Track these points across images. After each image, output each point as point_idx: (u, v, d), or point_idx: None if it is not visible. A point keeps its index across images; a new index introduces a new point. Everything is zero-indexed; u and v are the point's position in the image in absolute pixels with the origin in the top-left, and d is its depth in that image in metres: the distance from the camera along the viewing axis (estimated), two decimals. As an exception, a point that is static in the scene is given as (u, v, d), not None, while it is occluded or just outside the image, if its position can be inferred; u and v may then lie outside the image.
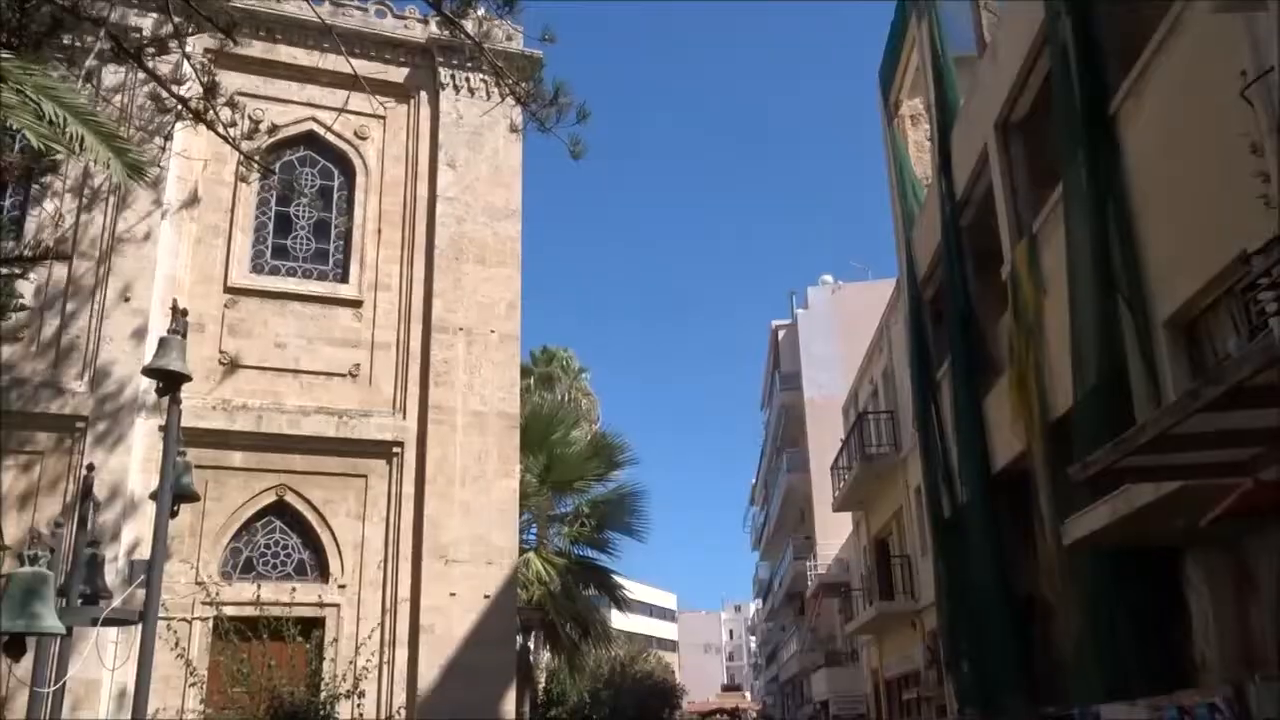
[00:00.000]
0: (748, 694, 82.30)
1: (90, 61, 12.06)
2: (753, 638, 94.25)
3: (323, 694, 12.03)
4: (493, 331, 17.17)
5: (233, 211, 16.77)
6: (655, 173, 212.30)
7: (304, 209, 17.28)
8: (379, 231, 17.43)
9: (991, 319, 14.79)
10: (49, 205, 15.19)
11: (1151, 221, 9.41)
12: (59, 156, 10.71)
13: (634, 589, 49.14)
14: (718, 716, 60.96)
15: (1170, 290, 9.02)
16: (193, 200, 16.47)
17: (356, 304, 16.92)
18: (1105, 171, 10.02)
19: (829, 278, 45.44)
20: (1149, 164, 9.46)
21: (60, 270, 15.10)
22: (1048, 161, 11.84)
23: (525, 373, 27.37)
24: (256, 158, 14.88)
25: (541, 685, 25.37)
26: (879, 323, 25.15)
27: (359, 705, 12.06)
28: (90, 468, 11.06)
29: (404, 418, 16.39)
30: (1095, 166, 10.13)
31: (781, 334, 45.95)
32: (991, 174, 14.01)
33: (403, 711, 14.22)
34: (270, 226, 17.29)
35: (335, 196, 17.65)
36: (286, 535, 15.78)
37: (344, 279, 17.16)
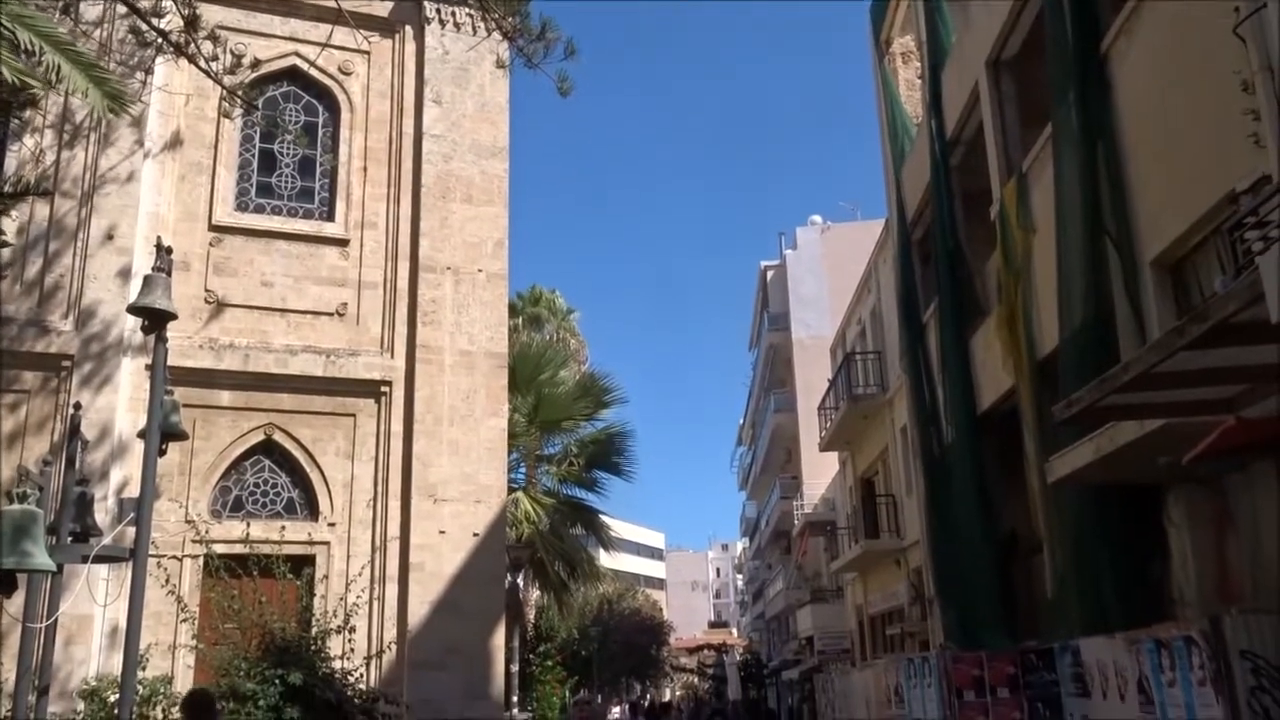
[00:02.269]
0: (734, 630, 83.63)
1: (68, -7, 11.79)
2: (739, 576, 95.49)
3: (314, 629, 12.14)
4: (480, 271, 17.08)
5: (216, 148, 16.54)
6: (644, 114, 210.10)
7: (288, 146, 17.04)
8: (365, 169, 17.24)
9: (980, 259, 14.79)
10: (29, 141, 14.96)
11: (1141, 161, 9.38)
12: (38, 91, 10.51)
13: (622, 528, 49.67)
14: (704, 651, 62.01)
15: (1158, 230, 9.02)
16: (175, 137, 16.23)
17: (343, 243, 16.79)
18: (1096, 110, 9.97)
19: (818, 218, 45.24)
20: (1140, 102, 9.40)
21: (42, 209, 14.91)
22: (1039, 100, 11.76)
23: (513, 313, 27.35)
24: (239, 93, 14.63)
25: (531, 621, 25.74)
26: (867, 263, 25.12)
27: (350, 640, 12.16)
28: (77, 406, 11.02)
29: (392, 357, 16.36)
30: (1086, 105, 10.07)
31: (770, 275, 45.85)
32: (982, 113, 13.92)
33: (393, 646, 14.40)
34: (254, 164, 17.08)
35: (320, 133, 17.41)
36: (275, 474, 15.83)
37: (330, 217, 17.00)
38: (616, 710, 24.30)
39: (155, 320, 8.55)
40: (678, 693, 66.50)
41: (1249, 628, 6.27)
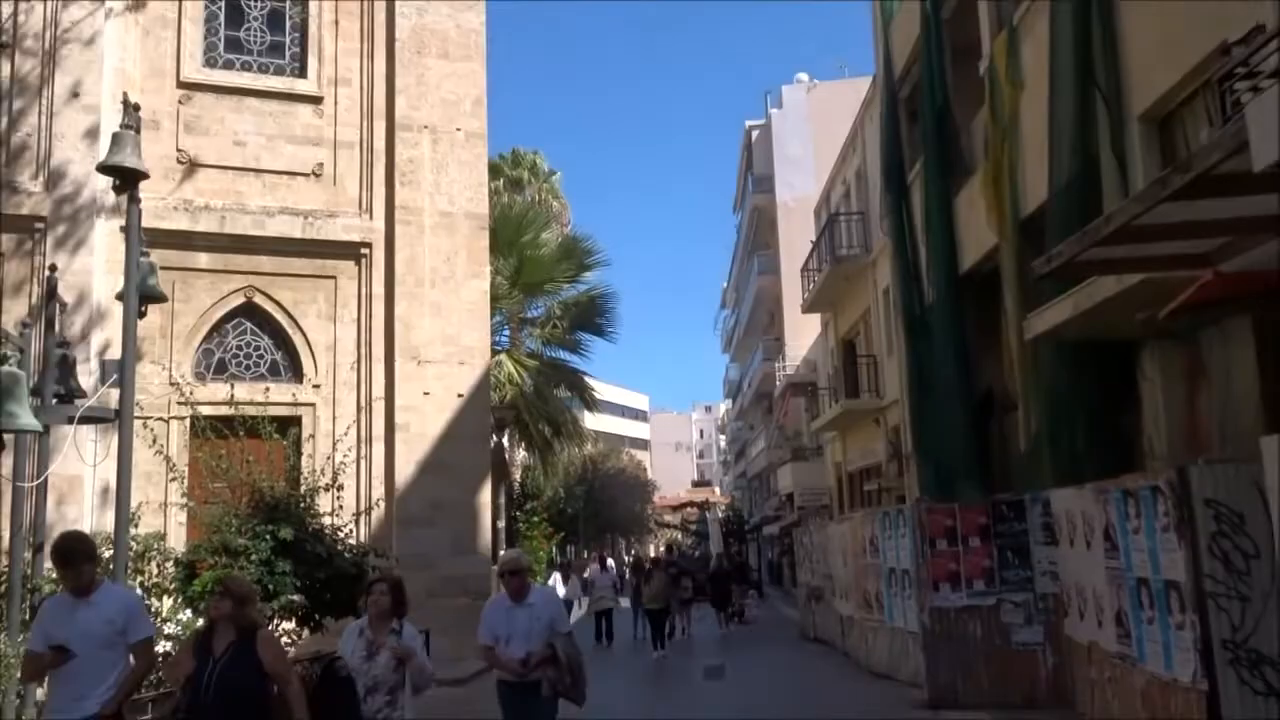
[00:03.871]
0: (717, 489, 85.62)
1: None
2: (722, 436, 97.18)
3: (302, 487, 12.30)
4: (458, 130, 16.72)
5: (180, 1, 15.90)
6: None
7: (255, -2, 16.39)
8: (336, 23, 16.65)
9: (967, 116, 14.56)
10: (-18, -7, 14.34)
11: (1135, 11, 9.15)
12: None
13: (606, 390, 50.18)
14: (688, 509, 63.67)
15: (1148, 83, 8.87)
16: (137, -12, 15.57)
17: (316, 100, 16.35)
18: (1092, -43, 9.66)
19: (804, 76, 44.21)
20: (1137, -52, 9.10)
21: (2, 66, 14.39)
22: (1033, -53, 11.37)
23: (494, 175, 26.92)
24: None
25: (517, 480, 26.22)
26: (853, 123, 24.69)
27: (338, 498, 12.35)
28: (53, 269, 10.89)
29: (370, 218, 16.16)
30: (1082, -48, 9.75)
31: (755, 135, 45.09)
32: (975, -39, 13.48)
33: (381, 503, 14.68)
34: (221, 18, 16.44)
35: (288, -17, 16.72)
36: (258, 337, 15.81)
37: (302, 74, 16.50)
38: (592, 567, 24.93)
39: (126, 179, 8.35)
40: (661, 549, 68.49)
41: (1214, 476, 6.45)
